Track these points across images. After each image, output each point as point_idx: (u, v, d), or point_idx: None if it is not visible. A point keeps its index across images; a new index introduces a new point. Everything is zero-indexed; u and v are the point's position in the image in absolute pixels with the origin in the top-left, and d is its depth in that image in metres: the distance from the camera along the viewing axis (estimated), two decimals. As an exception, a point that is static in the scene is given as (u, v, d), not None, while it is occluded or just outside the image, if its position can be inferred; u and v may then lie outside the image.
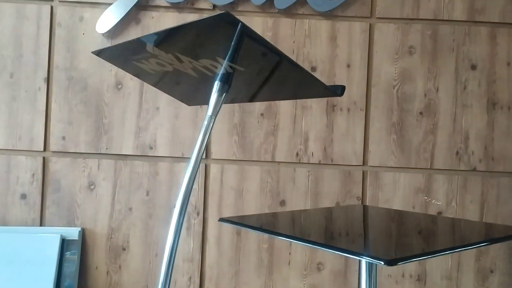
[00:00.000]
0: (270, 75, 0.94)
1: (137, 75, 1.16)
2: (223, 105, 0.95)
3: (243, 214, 2.02)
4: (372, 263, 0.84)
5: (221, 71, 0.90)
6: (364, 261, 0.83)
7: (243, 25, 0.77)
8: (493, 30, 2.07)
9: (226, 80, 0.93)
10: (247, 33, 0.78)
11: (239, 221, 0.89)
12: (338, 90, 0.95)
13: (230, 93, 0.95)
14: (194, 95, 1.18)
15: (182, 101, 1.27)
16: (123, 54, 1.03)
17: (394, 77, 2.06)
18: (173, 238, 0.87)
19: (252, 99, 1.18)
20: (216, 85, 0.94)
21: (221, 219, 0.91)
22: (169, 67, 0.98)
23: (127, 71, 1.16)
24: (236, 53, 0.82)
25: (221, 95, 0.93)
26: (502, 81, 2.06)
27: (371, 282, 0.86)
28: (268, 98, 1.67)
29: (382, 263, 0.63)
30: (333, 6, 2.04)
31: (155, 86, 1.21)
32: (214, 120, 0.94)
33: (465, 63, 2.06)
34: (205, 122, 0.93)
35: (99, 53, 1.03)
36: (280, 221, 1.05)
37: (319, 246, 0.73)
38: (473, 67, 2.06)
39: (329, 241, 0.82)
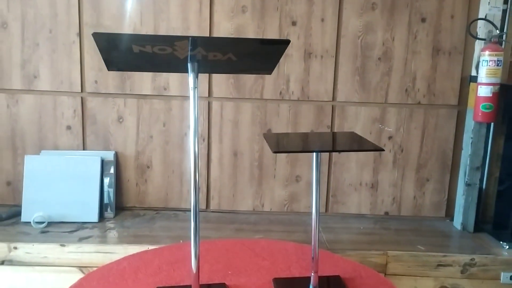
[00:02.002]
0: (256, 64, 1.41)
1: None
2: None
3: (237, 141, 2.62)
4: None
5: (215, 59, 1.30)
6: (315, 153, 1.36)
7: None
8: (442, -12, 2.51)
9: (202, 63, 1.23)
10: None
11: (290, 150, 1.32)
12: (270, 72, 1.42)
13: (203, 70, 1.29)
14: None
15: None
16: (126, 39, 1.13)
17: (359, 29, 2.55)
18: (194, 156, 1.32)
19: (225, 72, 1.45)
20: (191, 65, 1.21)
21: (275, 152, 1.25)
22: (169, 50, 1.14)
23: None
24: (254, 54, 1.25)
25: (197, 75, 1.23)
26: (446, 32, 2.55)
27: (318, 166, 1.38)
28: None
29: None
30: (310, -30, 2.47)
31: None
32: (197, 89, 1.22)
33: (416, 17, 2.54)
34: (191, 92, 1.21)
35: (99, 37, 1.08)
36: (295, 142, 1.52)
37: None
38: (423, 20, 2.54)
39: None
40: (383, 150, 1.28)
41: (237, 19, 2.52)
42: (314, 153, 1.28)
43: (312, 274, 1.28)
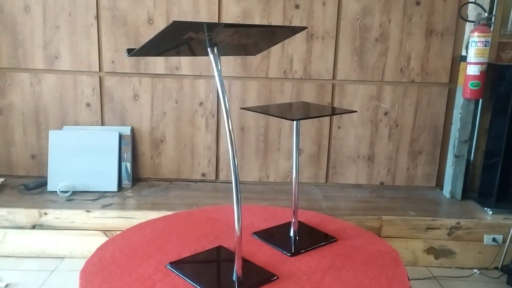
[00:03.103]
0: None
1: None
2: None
3: (246, 117, 2.83)
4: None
5: (235, 43, 1.47)
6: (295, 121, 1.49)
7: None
8: (435, -27, 2.68)
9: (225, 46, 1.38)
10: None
11: (309, 116, 1.45)
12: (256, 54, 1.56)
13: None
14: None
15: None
16: (184, 27, 1.17)
17: (358, 12, 2.73)
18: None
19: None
20: (214, 49, 1.22)
21: (296, 119, 1.33)
22: (212, 36, 1.19)
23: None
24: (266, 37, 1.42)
25: (218, 57, 1.23)
26: (439, 14, 2.73)
27: (297, 134, 1.50)
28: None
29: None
30: (312, -44, 2.63)
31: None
32: (221, 70, 1.22)
33: (411, 0, 2.71)
34: (216, 73, 1.21)
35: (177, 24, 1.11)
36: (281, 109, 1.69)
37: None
38: (418, 3, 2.72)
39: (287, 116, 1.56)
40: (356, 111, 1.49)
41: (244, 3, 2.69)
42: (295, 121, 1.45)
43: (293, 220, 1.50)
